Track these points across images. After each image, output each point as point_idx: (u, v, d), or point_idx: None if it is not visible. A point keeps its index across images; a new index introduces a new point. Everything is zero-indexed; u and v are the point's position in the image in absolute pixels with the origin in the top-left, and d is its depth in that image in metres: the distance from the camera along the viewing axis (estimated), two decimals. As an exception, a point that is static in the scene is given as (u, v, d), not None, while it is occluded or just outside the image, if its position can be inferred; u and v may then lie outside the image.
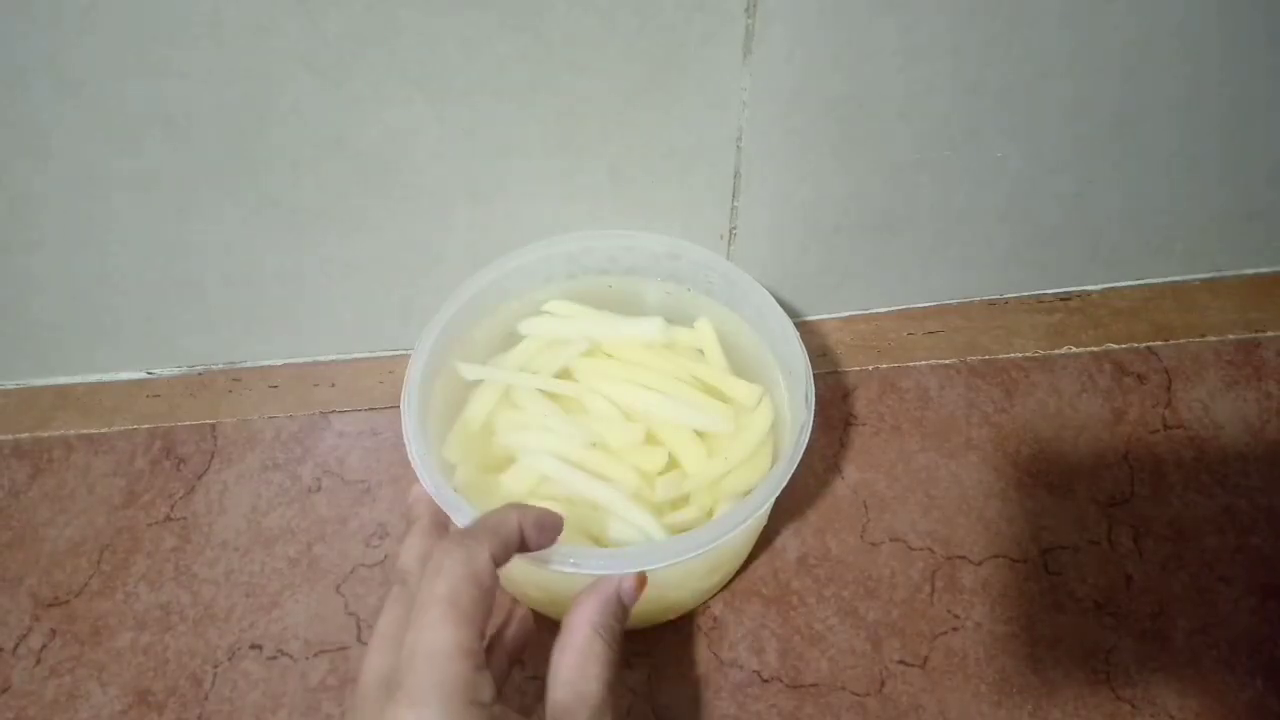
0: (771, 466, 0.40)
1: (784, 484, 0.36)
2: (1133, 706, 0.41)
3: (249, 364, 0.54)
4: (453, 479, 0.40)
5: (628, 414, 0.42)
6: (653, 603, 0.40)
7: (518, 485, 0.40)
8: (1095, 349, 0.54)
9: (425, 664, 0.25)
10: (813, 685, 0.42)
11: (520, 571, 0.38)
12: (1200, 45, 0.43)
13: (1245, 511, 0.47)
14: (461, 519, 0.35)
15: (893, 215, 0.49)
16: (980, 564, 0.45)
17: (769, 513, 0.41)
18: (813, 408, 0.38)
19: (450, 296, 0.43)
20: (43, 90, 0.39)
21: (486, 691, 0.26)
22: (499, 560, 0.29)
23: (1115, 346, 0.54)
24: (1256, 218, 0.53)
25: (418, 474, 0.36)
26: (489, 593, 0.27)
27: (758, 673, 0.42)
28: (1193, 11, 0.41)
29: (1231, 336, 0.55)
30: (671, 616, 0.43)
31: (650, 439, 0.41)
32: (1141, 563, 0.45)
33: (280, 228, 0.46)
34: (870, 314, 0.56)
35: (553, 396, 0.43)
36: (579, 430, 0.41)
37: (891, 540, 0.46)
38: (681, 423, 0.41)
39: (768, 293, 0.43)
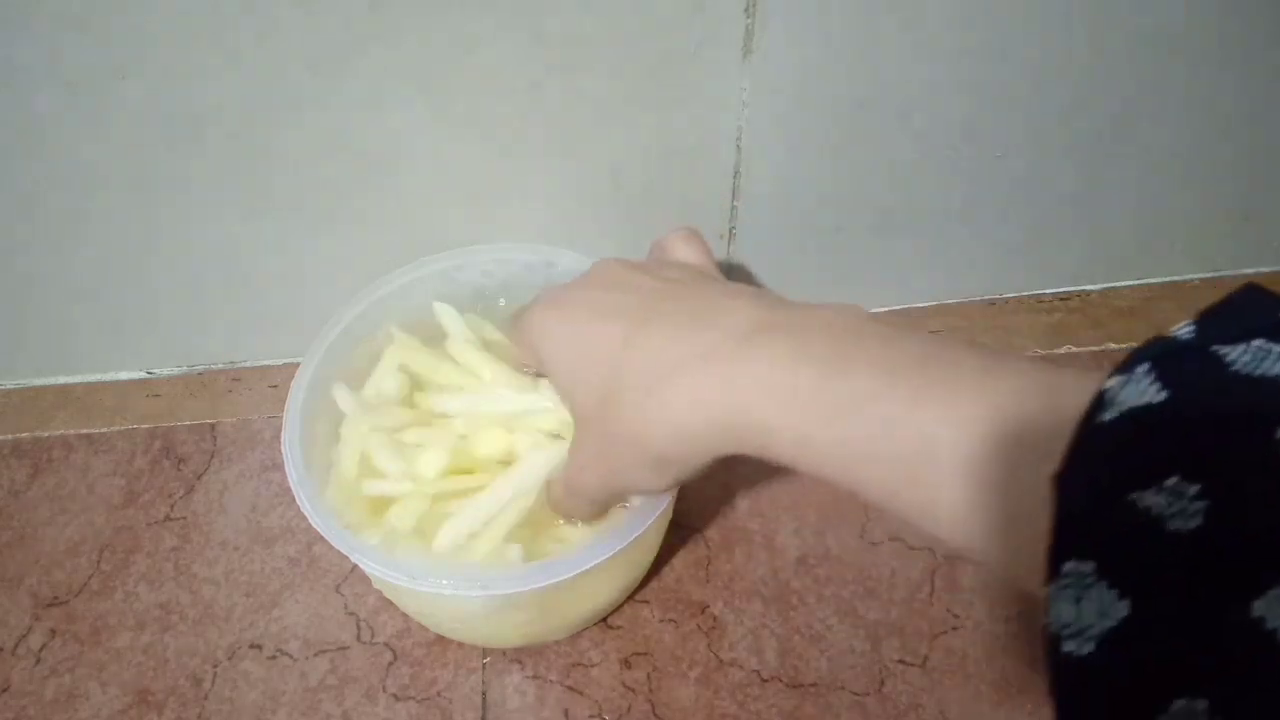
0: None
1: None
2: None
3: (249, 364, 0.54)
4: (343, 519, 0.38)
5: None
6: (577, 605, 0.40)
7: (405, 519, 0.38)
8: (1095, 349, 0.54)
9: None
10: (812, 685, 0.42)
11: (434, 604, 0.39)
12: (1200, 45, 0.43)
13: (1245, 511, 0.47)
14: (360, 559, 0.34)
15: (893, 215, 0.50)
16: (980, 563, 0.45)
17: (674, 500, 0.40)
18: None
19: (324, 328, 0.41)
20: (43, 90, 0.39)
21: None
22: None
23: (1115, 346, 0.54)
24: (1256, 218, 0.53)
25: (310, 519, 0.35)
26: None
27: (757, 672, 0.42)
28: (1193, 12, 0.41)
29: (1231, 336, 0.55)
30: (598, 620, 0.43)
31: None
32: (1141, 562, 0.45)
33: (280, 227, 0.46)
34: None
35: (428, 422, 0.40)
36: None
37: (891, 540, 0.46)
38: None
39: None
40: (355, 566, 0.45)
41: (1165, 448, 0.18)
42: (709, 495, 0.48)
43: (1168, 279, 0.57)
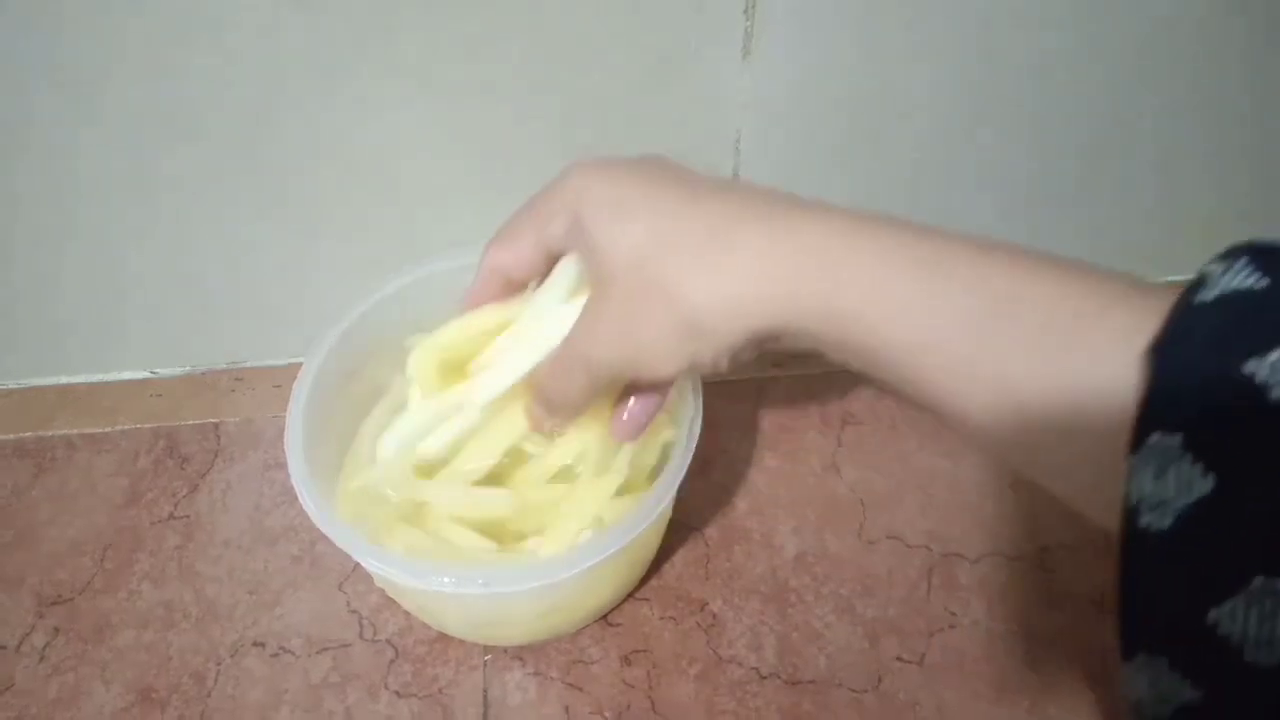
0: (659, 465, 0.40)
1: (682, 475, 0.36)
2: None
3: (252, 363, 0.54)
4: (346, 518, 0.38)
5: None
6: (578, 602, 0.40)
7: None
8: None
9: None
10: (811, 682, 0.42)
11: (435, 602, 0.39)
12: (1199, 47, 0.43)
13: (1241, 510, 0.47)
14: (363, 557, 0.34)
15: (892, 216, 0.50)
16: (977, 561, 0.46)
17: (673, 503, 0.40)
18: (700, 398, 0.38)
19: (327, 327, 0.41)
20: (43, 91, 0.39)
21: None
22: None
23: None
24: (1254, 218, 0.53)
25: (313, 518, 0.35)
26: None
27: (756, 670, 0.42)
28: (1192, 14, 0.42)
29: (1228, 335, 0.55)
30: (598, 617, 0.44)
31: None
32: (1138, 561, 0.46)
33: (282, 227, 0.46)
34: (869, 313, 0.56)
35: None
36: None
37: (889, 538, 0.46)
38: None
39: None
40: (357, 565, 0.45)
41: (1269, 324, 0.18)
42: (709, 494, 0.48)
43: (1167, 279, 0.57)
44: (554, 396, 0.33)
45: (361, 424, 0.42)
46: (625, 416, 0.34)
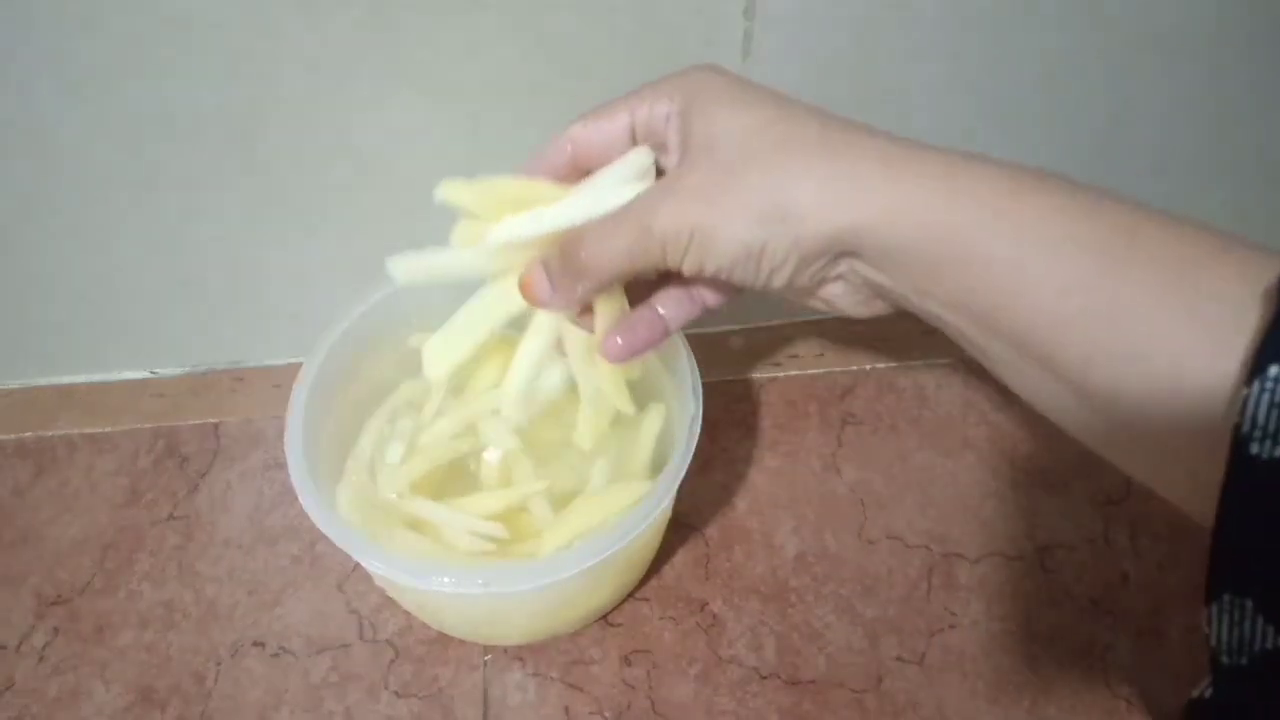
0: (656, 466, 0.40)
1: (682, 475, 0.36)
2: (1129, 704, 0.41)
3: (252, 363, 0.54)
4: (346, 518, 0.38)
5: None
6: (578, 602, 0.40)
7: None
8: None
9: None
10: (811, 682, 0.42)
11: (435, 602, 0.39)
12: (1195, 47, 0.43)
13: (1241, 510, 0.47)
14: (363, 557, 0.34)
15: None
16: (977, 561, 0.46)
17: (672, 505, 0.40)
18: (700, 398, 0.38)
19: (327, 328, 0.41)
20: (45, 91, 0.39)
21: None
22: None
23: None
24: (1251, 218, 0.53)
25: (312, 518, 0.35)
26: None
27: (756, 669, 0.42)
28: (1189, 14, 0.42)
29: (1228, 336, 0.55)
30: (598, 617, 0.44)
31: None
32: (1138, 560, 0.46)
33: (282, 227, 0.46)
34: (869, 313, 0.56)
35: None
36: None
37: (889, 538, 0.47)
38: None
39: None
40: (357, 565, 0.45)
41: None
42: (709, 494, 0.48)
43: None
44: (586, 249, 0.30)
45: (363, 425, 0.43)
46: (619, 339, 0.32)
